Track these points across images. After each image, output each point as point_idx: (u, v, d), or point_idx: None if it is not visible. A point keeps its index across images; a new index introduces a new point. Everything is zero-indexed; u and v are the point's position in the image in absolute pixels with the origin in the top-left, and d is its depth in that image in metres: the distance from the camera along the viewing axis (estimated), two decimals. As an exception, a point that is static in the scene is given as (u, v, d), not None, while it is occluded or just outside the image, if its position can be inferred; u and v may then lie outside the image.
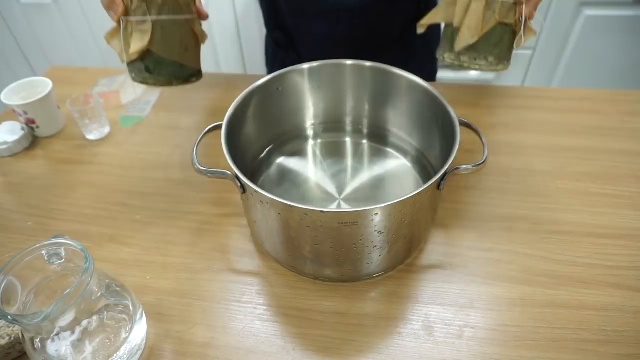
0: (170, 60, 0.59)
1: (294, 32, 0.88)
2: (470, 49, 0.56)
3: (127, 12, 0.56)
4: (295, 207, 0.47)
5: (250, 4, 1.54)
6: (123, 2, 0.55)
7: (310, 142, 0.73)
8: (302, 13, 0.82)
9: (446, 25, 0.59)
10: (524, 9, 0.53)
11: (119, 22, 0.57)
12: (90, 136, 0.82)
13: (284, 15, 0.86)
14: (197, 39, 0.63)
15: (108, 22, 0.58)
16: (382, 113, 0.70)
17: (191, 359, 0.51)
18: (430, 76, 1.01)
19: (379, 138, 0.72)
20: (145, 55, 0.58)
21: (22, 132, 0.79)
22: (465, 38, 0.56)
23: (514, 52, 0.58)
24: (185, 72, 0.62)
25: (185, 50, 0.60)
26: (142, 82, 0.61)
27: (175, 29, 0.58)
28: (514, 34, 0.55)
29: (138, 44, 0.56)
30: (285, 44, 0.92)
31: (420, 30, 0.61)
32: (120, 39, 0.57)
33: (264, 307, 0.55)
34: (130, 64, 0.59)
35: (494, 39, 0.55)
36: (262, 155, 0.70)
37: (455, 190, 0.68)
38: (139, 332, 0.48)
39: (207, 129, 0.58)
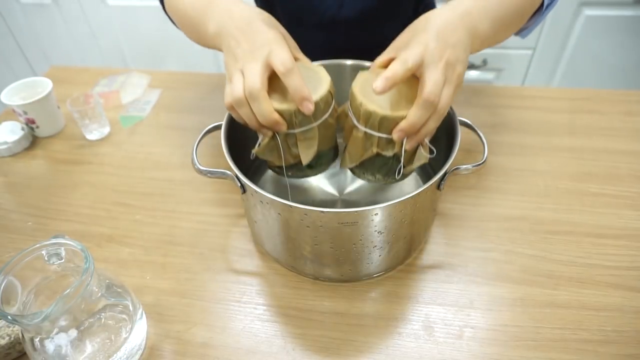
0: (328, 148, 0.57)
1: None
2: (358, 165, 0.55)
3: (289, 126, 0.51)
4: (295, 207, 0.47)
5: (250, 5, 1.54)
6: (285, 118, 0.50)
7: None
8: (299, 24, 0.82)
9: None
10: (405, 144, 0.50)
11: (273, 136, 0.52)
12: (90, 136, 0.82)
13: (281, 24, 0.86)
14: None
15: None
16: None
17: (191, 359, 0.51)
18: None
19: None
20: None
21: (22, 132, 0.79)
22: (347, 161, 0.56)
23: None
24: (336, 150, 0.60)
25: (335, 132, 0.58)
26: (300, 178, 0.59)
27: (332, 120, 0.55)
28: (399, 159, 0.53)
29: (309, 152, 0.53)
30: None
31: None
32: (281, 151, 0.53)
33: (264, 307, 0.55)
34: (288, 166, 0.56)
35: (378, 163, 0.54)
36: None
37: (455, 190, 0.68)
38: (139, 332, 0.48)
39: (207, 129, 0.58)
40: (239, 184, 0.51)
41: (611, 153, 0.73)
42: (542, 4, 0.59)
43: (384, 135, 0.50)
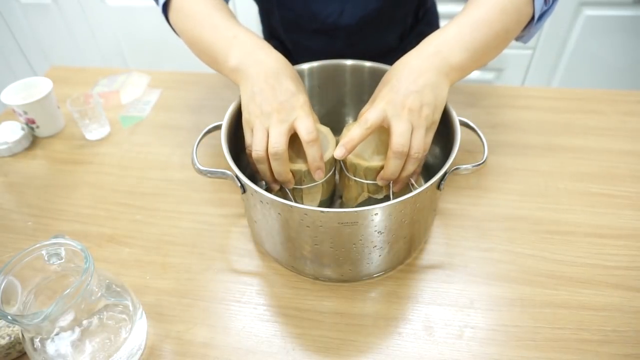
0: (328, 197, 0.61)
1: (290, 46, 0.87)
2: (355, 207, 0.58)
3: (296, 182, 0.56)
4: (295, 207, 0.47)
5: (251, 5, 1.54)
6: (295, 176, 0.55)
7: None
8: (299, 30, 0.82)
9: None
10: (392, 187, 0.55)
11: (280, 188, 0.57)
12: (90, 136, 0.82)
13: (279, 30, 0.86)
14: None
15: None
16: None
17: (191, 359, 0.51)
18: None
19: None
20: None
21: (22, 132, 0.79)
22: (345, 205, 0.61)
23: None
24: (333, 196, 0.63)
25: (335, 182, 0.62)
26: None
27: (333, 176, 0.60)
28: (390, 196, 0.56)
29: (312, 205, 0.57)
30: (281, 52, 0.92)
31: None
32: (291, 198, 0.57)
33: (264, 307, 0.55)
34: None
35: (372, 204, 0.57)
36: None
37: (455, 190, 0.68)
38: (139, 332, 0.48)
39: (207, 129, 0.58)
40: (239, 184, 0.51)
41: (611, 153, 0.73)
42: (532, 16, 0.59)
43: (372, 182, 0.55)
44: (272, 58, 0.55)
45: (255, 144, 0.52)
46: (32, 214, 0.69)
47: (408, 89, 0.51)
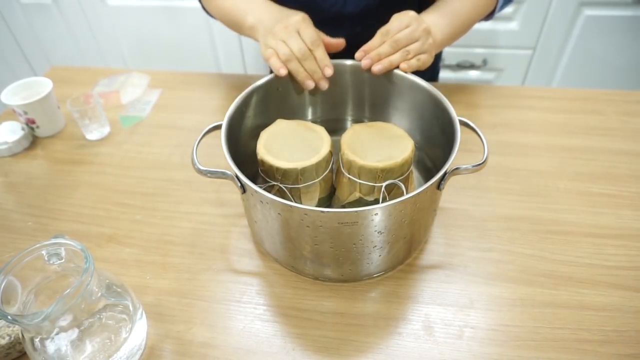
0: (327, 194, 0.61)
1: None
2: (345, 205, 0.60)
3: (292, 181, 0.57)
4: (295, 207, 0.47)
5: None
6: (291, 176, 0.56)
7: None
8: None
9: None
10: (384, 190, 0.56)
11: (279, 189, 0.58)
12: (90, 136, 0.82)
13: None
14: None
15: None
16: (382, 113, 0.70)
17: (191, 359, 0.51)
18: (432, 76, 1.00)
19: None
20: None
21: (22, 132, 0.79)
22: (336, 202, 0.61)
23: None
24: (332, 193, 0.63)
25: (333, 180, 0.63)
26: None
27: (331, 173, 0.60)
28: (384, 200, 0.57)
29: (311, 203, 0.59)
30: None
31: None
32: (290, 198, 0.58)
33: (264, 307, 0.55)
34: None
35: (362, 204, 0.58)
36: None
37: (455, 190, 0.68)
38: (139, 332, 0.48)
39: (207, 129, 0.58)
40: (239, 184, 0.51)
41: (611, 153, 0.73)
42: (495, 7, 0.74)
43: (365, 182, 0.55)
44: (278, 8, 0.70)
45: (281, 50, 0.62)
46: (32, 214, 0.69)
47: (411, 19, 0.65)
